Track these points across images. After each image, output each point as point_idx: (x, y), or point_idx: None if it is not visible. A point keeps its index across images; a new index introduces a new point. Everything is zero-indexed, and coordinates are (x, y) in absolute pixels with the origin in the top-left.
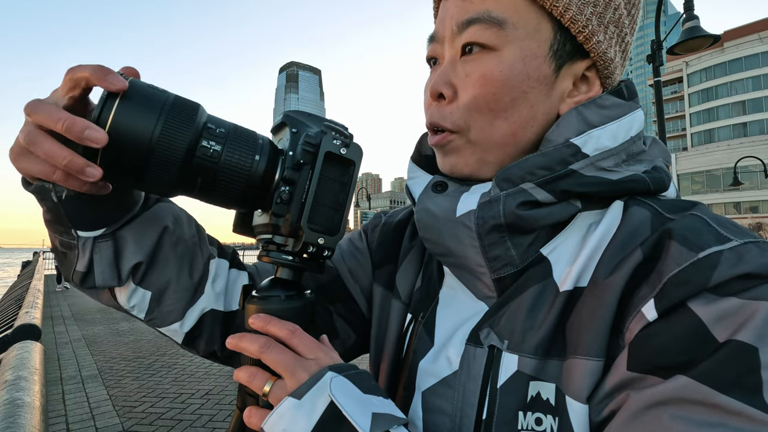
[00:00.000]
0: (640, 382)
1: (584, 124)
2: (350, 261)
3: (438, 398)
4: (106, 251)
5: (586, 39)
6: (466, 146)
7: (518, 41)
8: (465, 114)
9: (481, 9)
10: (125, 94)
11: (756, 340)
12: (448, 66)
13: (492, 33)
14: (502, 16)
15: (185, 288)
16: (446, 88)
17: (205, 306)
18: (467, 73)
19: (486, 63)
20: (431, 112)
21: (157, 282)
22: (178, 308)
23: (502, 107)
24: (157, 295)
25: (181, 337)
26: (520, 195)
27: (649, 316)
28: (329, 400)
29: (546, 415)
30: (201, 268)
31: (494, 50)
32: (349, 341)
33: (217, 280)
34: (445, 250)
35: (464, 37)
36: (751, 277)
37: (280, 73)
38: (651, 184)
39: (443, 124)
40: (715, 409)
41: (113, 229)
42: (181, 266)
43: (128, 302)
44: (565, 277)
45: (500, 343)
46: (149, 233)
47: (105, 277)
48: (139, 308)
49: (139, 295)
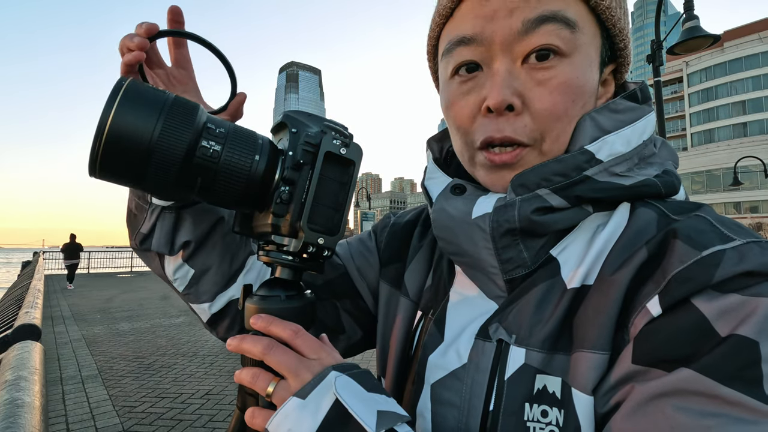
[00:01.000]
0: (645, 375)
1: (598, 130)
2: (359, 259)
3: (447, 390)
4: (168, 221)
5: (625, 45)
6: (536, 160)
7: (584, 47)
8: (541, 124)
9: (554, 7)
10: (125, 94)
11: (757, 334)
12: (507, 74)
13: (566, 35)
14: (574, 18)
15: (223, 275)
16: (516, 98)
17: (234, 294)
18: (540, 81)
19: (562, 69)
20: (499, 126)
21: (202, 264)
22: (212, 291)
23: (575, 115)
24: (199, 275)
25: (207, 316)
26: (536, 201)
27: (654, 312)
28: (334, 398)
29: (552, 408)
30: (241, 260)
31: (566, 56)
32: (355, 337)
33: (249, 273)
34: (459, 250)
35: (535, 39)
36: (753, 274)
37: (280, 73)
38: (662, 187)
39: (518, 138)
40: (716, 400)
41: (179, 205)
42: (224, 255)
43: (173, 274)
44: (573, 275)
45: (508, 337)
46: (206, 219)
47: (160, 244)
48: (181, 282)
49: (183, 270)
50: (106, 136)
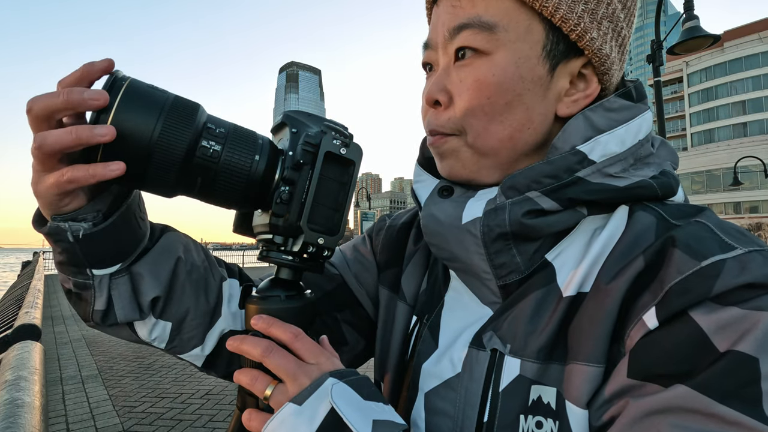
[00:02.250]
0: (640, 390)
1: (591, 129)
2: (355, 266)
3: (440, 400)
4: (123, 287)
5: (579, 37)
6: (463, 148)
7: (510, 44)
8: (461, 119)
9: (471, 14)
10: (125, 93)
11: (756, 350)
12: (443, 72)
13: (483, 37)
14: (492, 21)
15: (204, 313)
16: (442, 94)
17: (224, 328)
18: (461, 79)
19: (479, 68)
20: (429, 119)
21: (176, 312)
22: (198, 334)
23: (498, 111)
24: (177, 325)
25: (202, 360)
26: (526, 203)
27: (650, 324)
28: (330, 406)
29: (546, 419)
30: (216, 291)
31: (486, 54)
32: (358, 347)
33: (232, 301)
34: (451, 255)
35: (456, 42)
36: (754, 286)
37: (280, 73)
38: (659, 189)
39: (441, 131)
40: (713, 419)
41: (127, 263)
42: (197, 293)
43: (149, 335)
44: (569, 282)
45: (503, 346)
46: (163, 266)
47: (126, 312)
48: (161, 339)
49: (159, 327)
50: None
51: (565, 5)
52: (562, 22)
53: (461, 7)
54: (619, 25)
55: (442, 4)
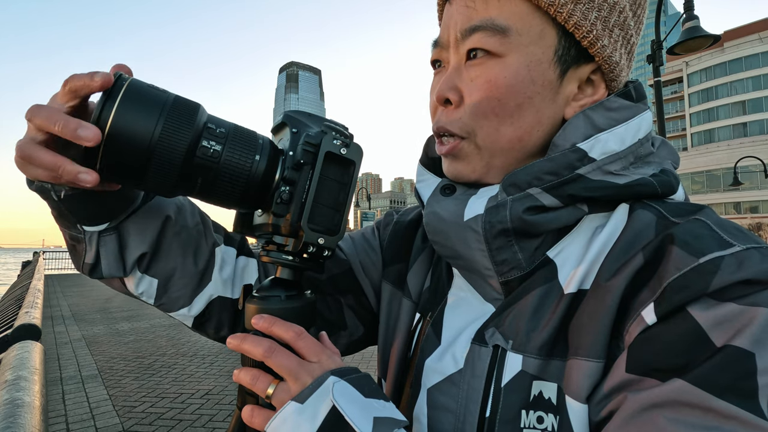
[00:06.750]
0: (638, 384)
1: (591, 127)
2: (362, 256)
3: (443, 395)
4: (111, 244)
5: (591, 44)
6: (474, 152)
7: (522, 47)
8: (471, 119)
9: (485, 17)
10: (125, 94)
11: (753, 345)
12: (454, 71)
13: (496, 40)
14: (506, 24)
15: (191, 275)
16: (452, 93)
17: (212, 293)
18: (472, 78)
19: (491, 69)
20: (438, 117)
21: (163, 270)
22: (185, 294)
23: (508, 112)
24: (164, 282)
25: (191, 321)
26: (527, 200)
27: (649, 320)
28: (331, 404)
29: (547, 414)
30: (206, 255)
31: (499, 56)
32: (356, 333)
33: (225, 268)
34: (454, 253)
35: (468, 43)
36: (751, 283)
37: (280, 73)
38: (659, 187)
39: (451, 129)
40: (710, 413)
41: (116, 222)
42: (185, 254)
43: (137, 289)
44: (570, 279)
45: (505, 342)
46: (151, 224)
47: (111, 269)
48: (148, 294)
49: (146, 282)
50: (107, 136)
51: (579, 12)
52: (576, 28)
53: (474, 8)
54: (629, 32)
55: (455, 3)
